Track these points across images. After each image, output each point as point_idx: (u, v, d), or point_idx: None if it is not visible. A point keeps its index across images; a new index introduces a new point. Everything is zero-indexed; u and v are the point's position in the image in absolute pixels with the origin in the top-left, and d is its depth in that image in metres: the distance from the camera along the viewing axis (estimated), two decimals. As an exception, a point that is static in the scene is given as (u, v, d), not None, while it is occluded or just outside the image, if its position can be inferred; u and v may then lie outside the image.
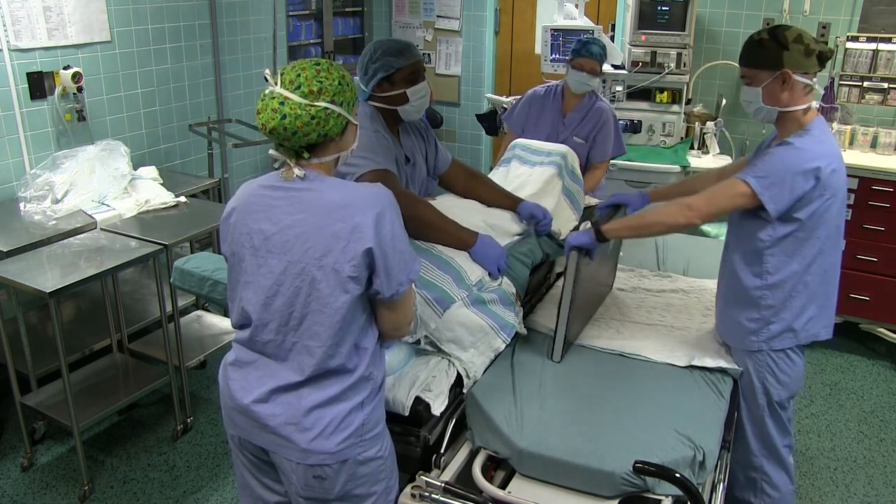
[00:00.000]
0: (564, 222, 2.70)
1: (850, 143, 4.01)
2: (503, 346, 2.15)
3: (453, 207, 2.41)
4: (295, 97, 1.54)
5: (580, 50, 3.26)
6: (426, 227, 2.22)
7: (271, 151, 1.64)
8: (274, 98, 1.55)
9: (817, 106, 2.09)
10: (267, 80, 1.59)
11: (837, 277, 2.22)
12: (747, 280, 2.19)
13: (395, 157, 2.33)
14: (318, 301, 1.59)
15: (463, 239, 2.26)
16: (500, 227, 2.45)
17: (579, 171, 2.96)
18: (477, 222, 2.39)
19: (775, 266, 2.14)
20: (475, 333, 2.09)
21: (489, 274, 2.26)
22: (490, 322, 2.12)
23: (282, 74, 1.58)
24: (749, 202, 2.06)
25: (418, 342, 2.06)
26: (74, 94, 3.54)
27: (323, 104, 1.55)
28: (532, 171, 2.82)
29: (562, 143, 3.26)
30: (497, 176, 2.91)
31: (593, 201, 3.05)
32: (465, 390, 2.05)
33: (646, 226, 2.21)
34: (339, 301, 1.58)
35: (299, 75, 1.56)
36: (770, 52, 2.04)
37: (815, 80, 2.09)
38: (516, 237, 2.49)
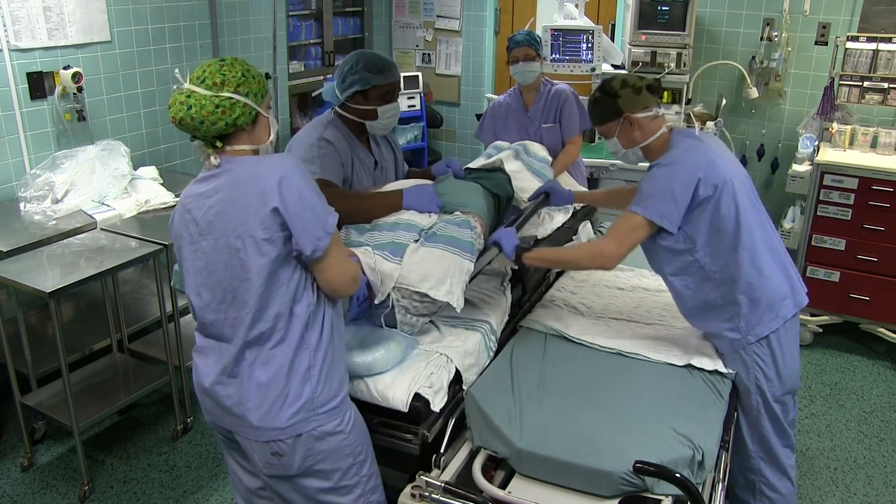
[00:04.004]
0: (527, 185, 2.88)
1: (850, 143, 4.00)
2: (472, 265, 2.16)
3: (392, 186, 2.52)
4: (200, 90, 1.65)
5: (508, 46, 3.42)
6: (357, 211, 2.30)
7: (193, 143, 1.73)
8: (182, 93, 1.66)
9: (668, 128, 2.23)
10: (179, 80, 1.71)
11: (782, 243, 2.28)
12: (699, 292, 2.22)
13: (342, 163, 2.41)
14: (242, 269, 1.67)
15: (391, 203, 2.33)
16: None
17: (539, 152, 3.15)
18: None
19: (711, 266, 2.17)
20: (439, 263, 2.09)
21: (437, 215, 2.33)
22: (448, 248, 2.14)
23: (191, 74, 1.69)
24: (649, 230, 2.15)
25: (415, 326, 2.09)
26: (74, 94, 3.54)
27: (226, 94, 1.65)
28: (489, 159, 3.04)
29: (533, 134, 3.45)
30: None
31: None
32: (464, 387, 2.06)
33: (561, 263, 2.50)
34: (258, 265, 1.66)
35: (204, 71, 1.68)
36: (606, 105, 2.22)
37: (658, 108, 2.22)
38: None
